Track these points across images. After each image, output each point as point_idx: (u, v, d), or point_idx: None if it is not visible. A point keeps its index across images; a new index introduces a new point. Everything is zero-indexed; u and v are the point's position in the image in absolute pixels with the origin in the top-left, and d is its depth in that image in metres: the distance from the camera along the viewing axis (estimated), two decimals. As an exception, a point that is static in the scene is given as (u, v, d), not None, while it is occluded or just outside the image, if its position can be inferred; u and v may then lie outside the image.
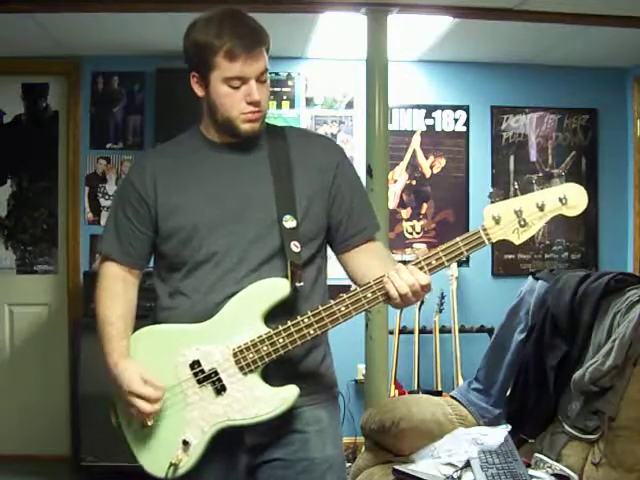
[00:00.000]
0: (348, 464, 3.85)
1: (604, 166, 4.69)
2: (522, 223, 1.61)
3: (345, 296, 1.65)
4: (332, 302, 1.66)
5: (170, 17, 3.57)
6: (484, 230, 1.63)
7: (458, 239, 1.64)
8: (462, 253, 1.64)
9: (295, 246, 1.74)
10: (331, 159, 1.85)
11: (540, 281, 2.87)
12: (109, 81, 4.44)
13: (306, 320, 1.66)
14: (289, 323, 1.66)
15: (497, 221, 1.62)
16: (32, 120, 4.51)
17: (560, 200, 1.61)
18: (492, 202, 1.65)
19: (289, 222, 1.74)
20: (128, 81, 4.45)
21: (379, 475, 2.59)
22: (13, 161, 4.52)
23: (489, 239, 1.63)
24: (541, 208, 1.61)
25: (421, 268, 1.64)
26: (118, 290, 1.82)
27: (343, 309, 1.65)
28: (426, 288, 1.64)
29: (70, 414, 4.13)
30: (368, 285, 1.65)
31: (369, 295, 1.65)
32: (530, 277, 2.97)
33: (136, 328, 1.82)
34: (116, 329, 1.78)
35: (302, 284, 1.73)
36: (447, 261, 1.65)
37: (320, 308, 1.66)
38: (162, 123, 4.22)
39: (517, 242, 1.64)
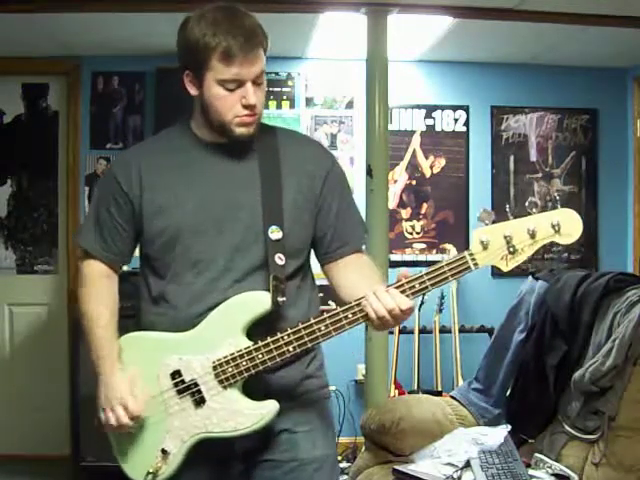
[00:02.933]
0: (348, 464, 3.86)
1: (604, 166, 4.69)
2: (511, 250, 1.56)
3: (326, 315, 1.62)
4: (313, 320, 1.63)
5: (170, 17, 3.55)
6: (470, 255, 1.58)
7: (444, 263, 1.58)
8: (447, 278, 1.59)
9: (279, 259, 1.69)
10: (321, 167, 1.79)
11: (540, 281, 2.87)
12: (109, 81, 4.44)
13: (285, 337, 1.63)
14: (269, 339, 1.64)
15: (485, 246, 1.56)
16: (32, 120, 4.51)
17: (553, 227, 1.54)
18: (484, 224, 1.58)
19: (275, 233, 1.70)
20: (128, 81, 4.45)
21: (379, 475, 2.58)
22: (13, 161, 4.51)
23: (475, 264, 1.58)
24: (532, 235, 1.55)
25: (403, 291, 1.59)
26: (104, 287, 1.80)
27: (323, 328, 1.62)
28: (407, 312, 1.59)
29: (70, 414, 4.13)
30: (349, 305, 1.62)
31: (350, 316, 1.61)
32: (530, 277, 2.97)
33: (124, 328, 1.80)
34: (108, 332, 1.76)
35: (284, 299, 1.68)
36: (431, 285, 1.59)
37: (300, 326, 1.63)
38: (162, 123, 4.17)
39: (505, 269, 1.59)
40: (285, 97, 4.52)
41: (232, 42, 1.61)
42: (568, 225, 1.55)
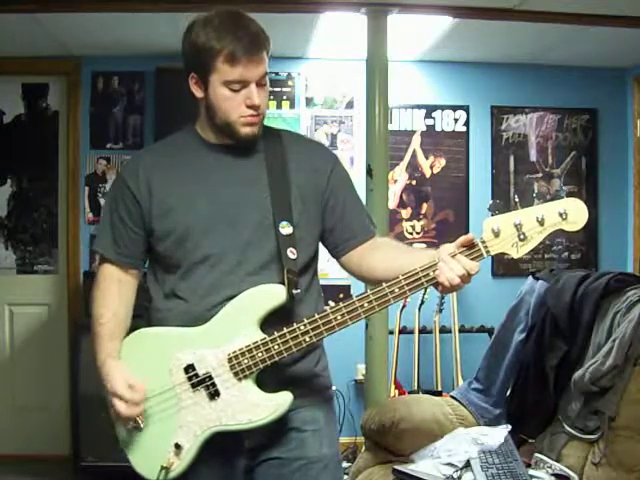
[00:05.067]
0: (348, 464, 3.86)
1: (604, 166, 4.70)
2: (521, 237, 1.62)
3: (342, 304, 1.64)
4: (329, 310, 1.65)
5: (170, 17, 3.57)
6: (483, 243, 1.63)
7: (458, 251, 1.63)
8: None
9: (292, 252, 1.73)
10: (325, 164, 1.85)
11: (540, 281, 2.87)
12: (109, 81, 4.44)
13: (302, 327, 1.65)
14: (285, 330, 1.66)
15: (496, 234, 1.62)
16: (32, 120, 4.51)
17: (560, 215, 1.61)
18: (492, 214, 1.65)
19: (285, 229, 1.74)
20: (128, 81, 4.45)
21: (379, 475, 2.58)
22: (13, 161, 4.52)
23: (488, 252, 1.63)
24: (541, 222, 1.62)
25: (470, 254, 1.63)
26: (112, 290, 1.81)
27: (339, 318, 1.64)
28: (474, 275, 1.63)
29: (70, 414, 4.13)
30: (364, 295, 1.65)
31: (365, 305, 1.64)
32: (530, 277, 2.97)
33: (133, 327, 1.82)
34: (106, 329, 1.77)
35: (298, 291, 1.72)
36: None
37: (317, 316, 1.65)
38: (162, 123, 4.21)
39: (516, 256, 1.64)
40: (285, 97, 4.52)
41: (237, 44, 1.65)
42: (574, 213, 1.62)
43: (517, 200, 4.56)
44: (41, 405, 4.41)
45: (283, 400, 1.69)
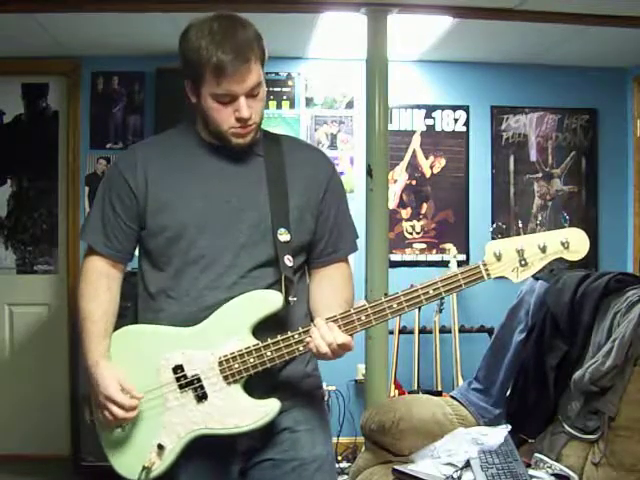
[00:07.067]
0: (348, 464, 3.86)
1: (604, 166, 4.69)
2: (523, 263, 1.65)
3: (338, 316, 1.65)
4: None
5: (170, 17, 3.57)
6: (484, 265, 1.65)
7: (458, 271, 1.65)
8: (460, 286, 1.65)
9: (289, 260, 1.73)
10: (323, 174, 1.84)
11: (540, 281, 2.87)
12: (109, 81, 4.44)
13: (296, 336, 1.66)
14: (279, 337, 1.66)
15: (498, 258, 1.65)
16: (32, 120, 4.51)
17: (562, 244, 1.64)
18: (494, 237, 1.68)
19: (283, 236, 1.73)
20: (128, 81, 4.45)
21: (379, 475, 2.58)
22: (13, 161, 4.52)
23: (488, 275, 1.65)
24: (543, 250, 1.65)
25: (345, 324, 1.65)
26: (102, 286, 1.78)
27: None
28: (344, 347, 1.64)
29: (70, 414, 4.13)
30: (362, 307, 1.66)
31: (363, 318, 1.66)
32: (530, 277, 2.97)
33: (117, 327, 1.80)
34: (98, 327, 1.75)
35: (295, 298, 1.72)
36: (445, 292, 1.65)
37: (312, 326, 1.65)
38: (162, 123, 4.21)
39: (515, 281, 1.68)
40: (285, 97, 4.52)
41: (223, 57, 1.62)
42: (576, 243, 1.65)
43: (521, 225, 4.52)
44: (41, 405, 4.41)
45: (271, 408, 1.68)
